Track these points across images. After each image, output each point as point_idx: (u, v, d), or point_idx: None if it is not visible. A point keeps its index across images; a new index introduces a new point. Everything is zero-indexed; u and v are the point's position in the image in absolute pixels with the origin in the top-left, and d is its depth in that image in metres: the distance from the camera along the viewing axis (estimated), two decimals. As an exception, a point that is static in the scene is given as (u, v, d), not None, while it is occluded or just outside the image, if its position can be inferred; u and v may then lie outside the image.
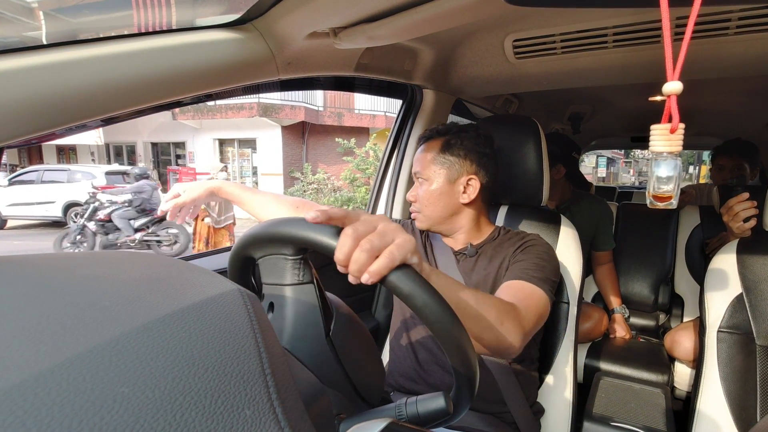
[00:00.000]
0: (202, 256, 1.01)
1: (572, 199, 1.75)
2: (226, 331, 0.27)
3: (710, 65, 1.10)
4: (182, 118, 11.11)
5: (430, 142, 0.97)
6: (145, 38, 0.60)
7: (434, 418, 0.50)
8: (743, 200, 1.11)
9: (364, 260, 0.42)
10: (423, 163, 0.96)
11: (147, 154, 12.52)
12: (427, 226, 0.98)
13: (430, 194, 0.95)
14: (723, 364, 0.89)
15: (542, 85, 1.40)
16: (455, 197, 0.95)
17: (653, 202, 0.42)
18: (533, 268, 0.86)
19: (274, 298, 0.50)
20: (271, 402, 0.25)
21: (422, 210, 0.96)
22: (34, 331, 0.22)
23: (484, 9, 0.73)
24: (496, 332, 0.66)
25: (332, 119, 11.53)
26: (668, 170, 0.40)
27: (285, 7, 0.71)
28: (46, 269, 0.29)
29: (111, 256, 0.34)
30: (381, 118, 12.40)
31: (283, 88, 0.98)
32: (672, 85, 0.36)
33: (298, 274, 0.49)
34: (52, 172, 8.93)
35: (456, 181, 0.94)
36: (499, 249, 0.96)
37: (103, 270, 0.31)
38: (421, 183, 0.97)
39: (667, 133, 0.38)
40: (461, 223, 0.98)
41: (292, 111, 10.63)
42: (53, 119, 0.52)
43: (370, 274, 0.42)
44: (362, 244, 0.42)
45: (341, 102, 11.97)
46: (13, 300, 0.24)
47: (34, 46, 0.52)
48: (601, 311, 1.70)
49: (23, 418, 0.18)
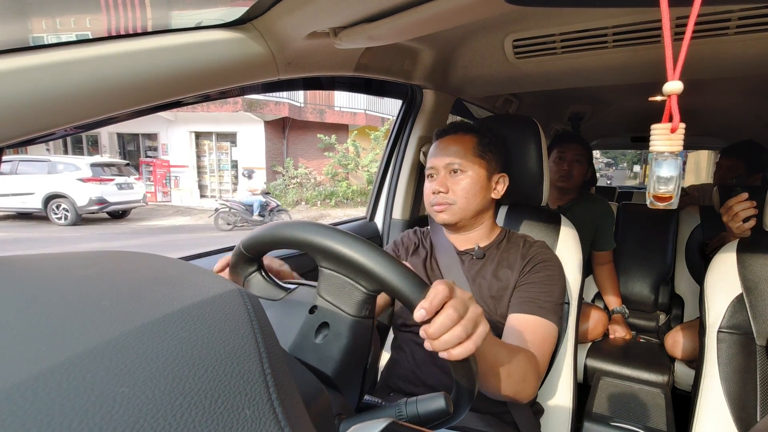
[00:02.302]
0: (202, 256, 1.01)
1: (574, 199, 1.75)
2: (227, 331, 0.27)
3: (710, 65, 1.10)
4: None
5: (461, 136, 0.97)
6: (145, 38, 0.60)
7: (434, 419, 0.50)
8: (742, 200, 1.11)
9: (453, 343, 0.47)
10: (462, 154, 0.94)
11: (112, 145, 12.01)
12: (458, 218, 0.95)
13: (471, 186, 0.94)
14: (723, 364, 0.89)
15: (542, 85, 1.40)
16: (490, 193, 0.97)
17: (653, 203, 0.42)
18: (544, 296, 0.88)
19: (330, 320, 0.49)
20: (271, 402, 0.25)
21: (457, 201, 0.94)
22: (34, 331, 0.22)
23: (484, 9, 0.73)
24: (521, 387, 0.74)
25: (314, 116, 11.65)
26: (669, 170, 0.40)
27: (285, 7, 0.71)
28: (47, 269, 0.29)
29: (111, 256, 0.34)
30: (361, 115, 12.78)
31: (283, 88, 0.98)
32: (672, 84, 0.36)
33: (366, 309, 0.49)
34: (29, 163, 8.54)
35: (492, 178, 0.97)
36: (506, 256, 0.96)
37: (103, 270, 0.31)
38: (457, 174, 0.94)
39: (668, 133, 0.38)
40: (484, 219, 0.99)
41: (276, 107, 10.65)
42: (53, 119, 0.52)
43: (450, 356, 0.47)
44: (455, 330, 0.47)
45: (321, 99, 12.09)
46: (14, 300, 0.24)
47: (34, 46, 0.52)
48: (601, 311, 1.70)
49: (23, 418, 0.18)
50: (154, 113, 0.68)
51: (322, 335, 0.48)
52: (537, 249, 0.95)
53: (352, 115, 12.55)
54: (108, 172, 8.69)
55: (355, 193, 11.93)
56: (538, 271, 0.91)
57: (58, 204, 8.35)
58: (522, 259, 0.94)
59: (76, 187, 8.19)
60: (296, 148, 11.96)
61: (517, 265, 0.93)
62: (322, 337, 0.48)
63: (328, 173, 11.85)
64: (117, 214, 9.49)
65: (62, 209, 8.34)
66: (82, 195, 8.22)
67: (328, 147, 11.93)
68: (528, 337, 0.84)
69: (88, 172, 8.29)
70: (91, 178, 8.31)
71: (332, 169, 11.79)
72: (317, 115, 11.70)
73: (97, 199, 8.35)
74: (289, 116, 10.91)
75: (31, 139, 0.52)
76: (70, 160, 8.82)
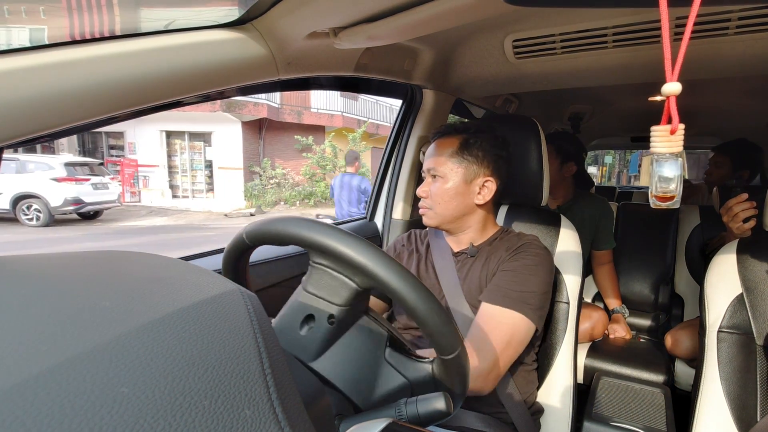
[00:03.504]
0: (202, 256, 1.01)
1: (574, 199, 1.75)
2: (227, 331, 0.27)
3: (710, 65, 1.10)
4: (125, 108, 10.73)
5: (445, 139, 0.96)
6: (146, 38, 0.60)
7: (434, 418, 0.50)
8: (742, 201, 1.11)
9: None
10: (438, 159, 0.94)
11: (71, 144, 11.29)
12: (436, 223, 0.96)
13: (444, 192, 0.93)
14: (723, 364, 0.89)
15: (542, 85, 1.40)
16: (470, 197, 0.94)
17: (656, 203, 0.42)
18: (514, 285, 0.85)
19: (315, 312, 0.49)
20: (271, 402, 0.25)
21: (434, 207, 0.95)
22: (34, 331, 0.22)
23: (484, 9, 0.73)
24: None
25: (291, 117, 11.66)
26: (670, 170, 0.40)
27: (285, 7, 0.71)
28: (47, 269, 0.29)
29: (111, 256, 0.34)
30: (338, 117, 12.79)
31: (283, 88, 0.98)
32: (671, 86, 0.36)
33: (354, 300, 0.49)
34: (-5, 162, 8.16)
35: (472, 182, 0.93)
36: (494, 251, 0.95)
37: (103, 270, 0.31)
38: (435, 180, 0.95)
39: (668, 134, 0.38)
40: (470, 222, 0.97)
41: (255, 108, 10.60)
42: (53, 119, 0.52)
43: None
44: None
45: (298, 100, 12.12)
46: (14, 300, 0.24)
47: (34, 46, 0.52)
48: (601, 311, 1.70)
49: (23, 418, 0.18)
50: (154, 113, 0.68)
51: (307, 327, 0.49)
52: (523, 241, 0.94)
53: (329, 116, 12.64)
54: (81, 172, 8.24)
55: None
56: (516, 260, 0.89)
57: (29, 204, 7.90)
58: (507, 250, 0.92)
59: (49, 187, 7.76)
60: (273, 148, 11.97)
61: (503, 256, 0.92)
62: (308, 329, 0.48)
63: (306, 174, 11.92)
64: (89, 215, 9.07)
65: (33, 210, 7.93)
66: (57, 195, 7.81)
67: (306, 148, 11.96)
68: (489, 329, 0.82)
69: (62, 171, 7.85)
70: (66, 177, 7.89)
71: (310, 170, 11.87)
72: (295, 117, 11.72)
73: (72, 200, 7.95)
74: (267, 117, 10.85)
75: (31, 139, 0.52)
76: (42, 159, 8.28)
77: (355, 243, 0.46)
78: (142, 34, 0.61)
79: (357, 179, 4.06)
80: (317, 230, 0.47)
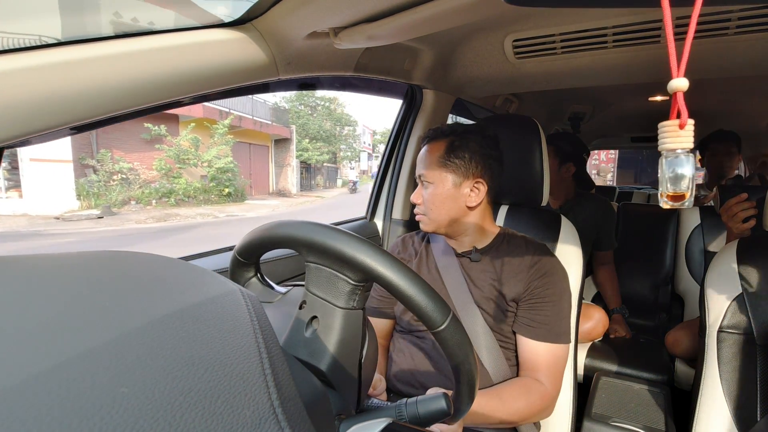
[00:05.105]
0: (202, 256, 1.01)
1: (575, 199, 1.75)
2: (227, 331, 0.27)
3: (710, 65, 1.10)
4: None
5: (433, 144, 0.95)
6: (146, 38, 0.60)
7: (434, 419, 0.50)
8: (742, 201, 1.11)
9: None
10: (427, 165, 0.94)
11: None
12: (432, 228, 0.96)
13: (435, 198, 0.93)
14: (723, 364, 0.89)
15: (542, 85, 1.40)
16: (461, 201, 0.93)
17: (667, 202, 0.39)
18: (555, 319, 0.89)
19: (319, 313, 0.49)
20: (271, 402, 0.25)
21: (427, 213, 0.95)
22: (34, 331, 0.22)
23: (484, 9, 0.73)
24: (526, 419, 0.85)
25: None
26: (682, 168, 0.38)
27: (285, 7, 0.71)
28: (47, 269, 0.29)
29: (111, 256, 0.34)
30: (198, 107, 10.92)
31: (283, 88, 0.98)
32: (678, 81, 0.35)
33: (355, 300, 0.49)
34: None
35: (462, 185, 0.92)
36: (508, 261, 0.94)
37: (103, 270, 0.31)
38: (426, 186, 0.94)
39: (677, 129, 0.37)
40: (467, 226, 0.96)
41: None
42: (53, 119, 0.52)
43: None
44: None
45: None
46: (13, 300, 0.24)
47: (34, 46, 0.52)
48: (601, 311, 1.70)
49: (23, 418, 0.18)
50: (154, 113, 0.69)
51: (312, 329, 0.49)
52: (541, 258, 0.93)
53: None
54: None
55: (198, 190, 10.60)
56: (548, 288, 0.90)
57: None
58: (528, 270, 0.92)
59: None
60: (110, 138, 9.94)
61: (523, 276, 0.91)
62: (312, 330, 0.49)
63: (159, 169, 10.23)
64: None
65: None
66: None
67: (156, 138, 10.25)
68: (542, 365, 0.88)
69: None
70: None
71: (165, 164, 10.24)
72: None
73: None
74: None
75: (31, 139, 0.52)
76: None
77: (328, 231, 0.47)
78: (142, 34, 0.61)
79: None
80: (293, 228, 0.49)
